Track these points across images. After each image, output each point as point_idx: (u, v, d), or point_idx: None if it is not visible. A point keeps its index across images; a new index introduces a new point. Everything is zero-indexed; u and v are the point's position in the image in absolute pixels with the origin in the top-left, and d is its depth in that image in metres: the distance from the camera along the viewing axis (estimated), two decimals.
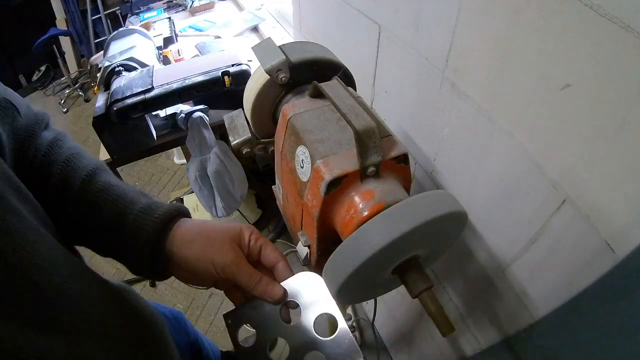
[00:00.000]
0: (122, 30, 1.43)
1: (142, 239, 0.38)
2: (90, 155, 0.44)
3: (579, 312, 0.43)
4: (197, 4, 1.84)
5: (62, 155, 0.41)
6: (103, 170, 0.43)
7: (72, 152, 0.42)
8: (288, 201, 0.48)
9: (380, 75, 0.70)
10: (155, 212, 0.39)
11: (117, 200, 0.40)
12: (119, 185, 0.41)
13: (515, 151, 0.45)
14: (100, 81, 1.16)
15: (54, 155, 0.41)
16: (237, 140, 0.50)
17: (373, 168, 0.37)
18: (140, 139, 1.11)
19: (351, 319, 1.31)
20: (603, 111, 0.34)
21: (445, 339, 0.80)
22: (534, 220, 0.45)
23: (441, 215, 0.34)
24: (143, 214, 0.39)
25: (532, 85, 0.40)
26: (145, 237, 0.38)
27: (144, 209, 0.39)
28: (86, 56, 3.31)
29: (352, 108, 0.38)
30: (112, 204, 0.39)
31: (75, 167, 0.41)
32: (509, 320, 0.57)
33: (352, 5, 0.69)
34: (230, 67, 1.06)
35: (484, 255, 0.58)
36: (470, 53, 0.47)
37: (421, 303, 0.37)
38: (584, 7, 0.32)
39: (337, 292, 0.37)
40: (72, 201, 0.39)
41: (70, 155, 0.42)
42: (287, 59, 0.46)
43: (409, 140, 0.67)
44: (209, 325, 1.54)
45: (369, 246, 0.33)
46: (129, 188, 0.42)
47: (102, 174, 0.42)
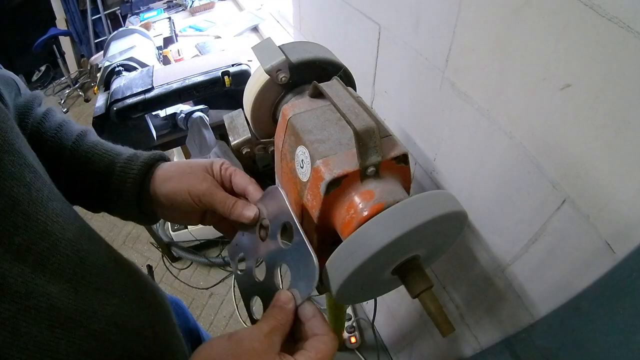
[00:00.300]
0: (122, 30, 1.43)
1: (128, 183, 0.42)
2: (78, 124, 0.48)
3: (579, 312, 0.43)
4: (197, 4, 1.84)
5: (54, 124, 0.45)
6: (91, 133, 0.47)
7: (63, 120, 0.46)
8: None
9: (380, 75, 0.70)
10: (139, 158, 0.44)
11: (106, 153, 0.44)
12: (106, 142, 0.46)
13: (515, 151, 0.45)
14: (100, 81, 1.16)
15: (47, 123, 0.44)
16: (237, 140, 0.50)
17: (373, 168, 0.37)
18: (140, 139, 1.11)
19: (351, 319, 1.31)
20: (603, 111, 0.34)
21: (445, 339, 0.80)
22: (534, 220, 0.45)
23: (441, 215, 0.34)
24: (129, 161, 0.43)
25: (532, 85, 0.40)
26: (131, 181, 0.42)
27: (130, 157, 0.44)
28: (86, 56, 3.31)
29: (352, 108, 0.38)
30: (101, 157, 0.44)
31: (67, 132, 0.45)
32: (509, 320, 0.57)
33: (352, 5, 0.69)
34: (230, 67, 1.06)
35: (484, 255, 0.58)
36: (470, 53, 0.47)
37: (421, 303, 0.37)
38: (584, 7, 0.32)
39: (337, 292, 0.37)
40: (66, 161, 0.43)
41: (60, 122, 0.46)
42: (287, 59, 0.46)
43: (409, 140, 0.67)
44: (209, 325, 1.55)
45: (368, 246, 0.33)
46: (116, 146, 0.46)
47: (91, 135, 0.46)
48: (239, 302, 1.58)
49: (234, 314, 1.57)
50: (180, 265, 1.78)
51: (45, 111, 0.46)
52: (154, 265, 1.81)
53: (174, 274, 1.74)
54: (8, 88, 0.41)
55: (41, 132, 0.43)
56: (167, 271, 1.76)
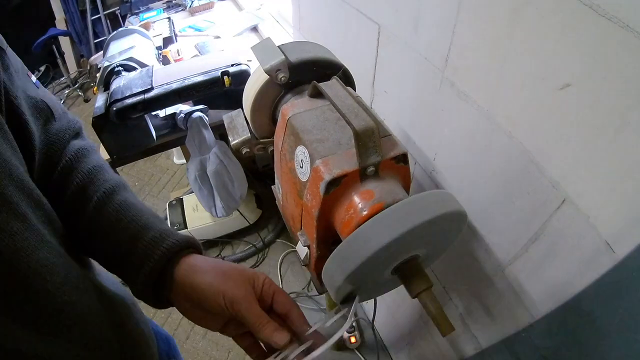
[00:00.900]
0: (121, 30, 1.43)
1: (149, 266, 0.37)
2: (113, 172, 0.44)
3: (579, 312, 0.43)
4: (196, 4, 1.83)
5: (85, 166, 0.41)
6: (122, 188, 0.42)
7: (96, 164, 0.42)
8: (288, 201, 0.48)
9: (379, 75, 0.70)
10: (165, 240, 0.38)
11: (131, 224, 0.39)
12: (134, 206, 0.41)
13: (515, 151, 0.45)
14: (100, 81, 1.15)
15: (77, 164, 0.41)
16: (236, 140, 0.50)
17: (372, 168, 0.37)
18: (139, 139, 1.11)
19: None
20: (603, 111, 0.34)
21: (445, 339, 0.80)
22: (533, 220, 0.45)
23: (441, 215, 0.34)
24: (154, 242, 0.38)
25: (531, 85, 0.40)
26: (152, 265, 0.37)
27: (156, 238, 0.39)
28: (86, 56, 3.31)
29: (351, 108, 0.38)
30: (126, 227, 0.39)
31: (96, 180, 0.41)
32: (509, 320, 0.57)
33: (352, 5, 0.69)
34: (230, 67, 1.05)
35: (483, 255, 0.58)
36: (469, 53, 0.47)
37: (421, 303, 0.37)
38: (584, 6, 0.32)
39: (336, 291, 0.37)
40: (87, 214, 0.39)
41: (93, 167, 0.41)
42: (287, 59, 0.46)
43: (408, 140, 0.67)
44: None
45: (368, 246, 0.33)
46: (145, 210, 0.42)
47: (121, 192, 0.42)
48: None
49: None
50: None
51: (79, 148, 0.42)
52: None
53: None
54: (38, 114, 0.38)
55: (70, 171, 0.40)
56: None
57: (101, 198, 0.40)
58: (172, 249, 0.38)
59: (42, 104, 0.38)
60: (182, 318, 1.56)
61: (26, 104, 0.36)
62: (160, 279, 0.38)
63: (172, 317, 1.58)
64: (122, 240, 0.39)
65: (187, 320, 0.41)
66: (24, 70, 0.39)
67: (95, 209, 0.39)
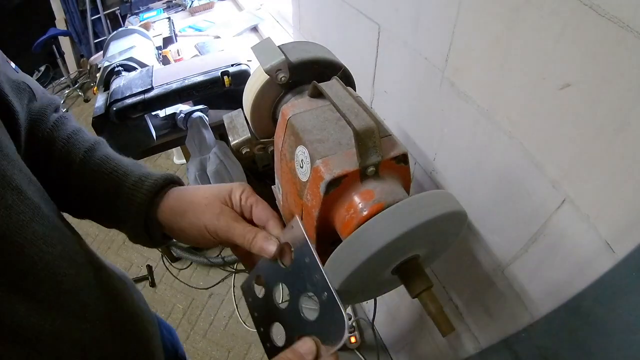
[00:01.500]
0: (121, 30, 1.43)
1: (133, 210, 0.40)
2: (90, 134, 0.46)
3: (579, 312, 0.43)
4: (196, 4, 1.83)
5: (64, 132, 0.43)
6: (101, 145, 0.45)
7: (74, 129, 0.45)
8: (288, 201, 0.48)
9: (379, 75, 0.70)
10: (145, 183, 0.41)
11: (113, 173, 0.42)
12: (114, 158, 0.44)
13: (515, 151, 0.45)
14: (100, 81, 1.16)
15: (58, 132, 0.43)
16: (236, 140, 0.50)
17: (372, 168, 0.37)
18: (140, 139, 1.11)
19: (351, 319, 1.31)
20: (603, 111, 0.34)
21: (445, 339, 0.80)
22: (533, 220, 0.45)
23: (441, 215, 0.34)
24: (134, 186, 0.41)
25: (531, 85, 0.40)
26: (136, 209, 0.40)
27: (136, 182, 0.42)
28: (86, 56, 3.31)
29: (351, 108, 0.38)
30: (108, 177, 0.42)
31: (77, 142, 0.43)
32: (509, 320, 0.57)
33: (352, 5, 0.69)
34: (230, 67, 1.06)
35: (483, 255, 0.58)
36: (469, 53, 0.47)
37: (421, 303, 0.37)
38: (584, 6, 0.32)
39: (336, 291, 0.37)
40: (74, 175, 0.42)
41: (72, 132, 0.44)
42: (287, 59, 0.46)
43: (408, 140, 0.67)
44: (209, 325, 1.55)
45: (368, 246, 0.33)
46: (125, 160, 0.44)
47: (101, 149, 0.44)
48: (239, 302, 1.58)
49: (233, 314, 1.57)
50: (180, 265, 1.78)
51: (58, 118, 0.44)
52: (153, 265, 1.81)
53: (173, 274, 1.74)
54: (20, 94, 0.39)
55: (52, 140, 0.42)
56: (167, 271, 1.76)
57: (83, 156, 0.42)
58: (152, 189, 0.41)
59: (23, 85, 0.40)
60: (182, 318, 1.57)
61: (9, 86, 0.37)
62: (147, 218, 0.41)
63: (172, 317, 1.58)
64: (108, 189, 0.41)
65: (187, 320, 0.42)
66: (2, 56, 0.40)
67: (80, 166, 0.42)
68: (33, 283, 0.30)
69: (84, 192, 0.42)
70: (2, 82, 0.36)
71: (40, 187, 0.35)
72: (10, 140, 0.34)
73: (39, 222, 0.31)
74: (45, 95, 0.44)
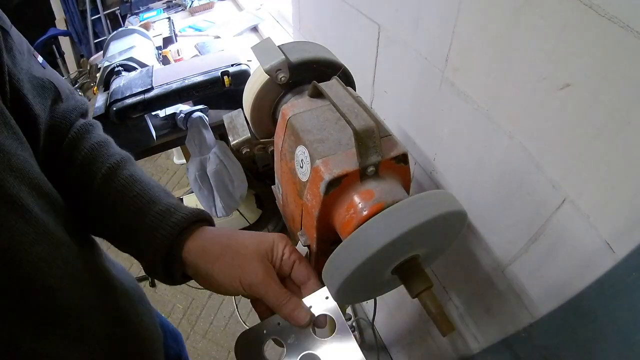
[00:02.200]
0: (121, 30, 1.43)
1: (156, 243, 0.36)
2: (118, 147, 0.43)
3: (579, 312, 0.43)
4: (196, 4, 1.83)
5: (89, 141, 0.40)
6: (129, 162, 0.41)
7: (100, 139, 0.41)
8: (288, 201, 0.48)
9: (379, 75, 0.70)
10: (173, 215, 0.37)
11: (137, 198, 0.38)
12: (141, 180, 0.39)
13: (515, 151, 0.45)
14: (100, 81, 1.16)
15: (81, 140, 0.40)
16: (236, 140, 0.50)
17: (372, 168, 0.37)
18: (139, 139, 1.11)
19: (351, 319, 1.31)
20: (603, 111, 0.34)
21: (445, 339, 0.80)
22: (533, 220, 0.45)
23: (441, 215, 0.34)
24: (160, 216, 0.37)
25: (531, 85, 0.40)
26: (159, 242, 0.36)
27: (162, 212, 0.37)
28: (86, 56, 3.30)
29: (351, 108, 0.38)
30: (131, 201, 0.38)
31: (101, 155, 0.40)
32: (509, 320, 0.57)
33: (352, 5, 0.69)
34: (230, 67, 1.05)
35: (483, 255, 0.58)
36: (469, 53, 0.47)
37: (421, 303, 0.37)
38: (584, 6, 0.32)
39: (336, 292, 0.37)
40: (94, 190, 0.38)
41: (97, 142, 0.40)
42: (287, 58, 0.46)
43: (408, 140, 0.67)
44: (209, 325, 1.54)
45: (368, 246, 0.33)
46: (152, 184, 0.40)
47: (128, 166, 0.40)
48: (239, 302, 1.58)
49: (233, 314, 1.57)
50: None
51: (83, 124, 0.41)
52: None
53: None
54: (43, 94, 0.37)
55: (74, 148, 0.39)
56: None
57: (107, 173, 0.38)
58: (180, 224, 0.37)
59: (48, 84, 0.37)
60: (183, 317, 1.57)
61: (31, 85, 0.35)
62: (169, 255, 0.37)
63: (172, 317, 1.58)
64: (129, 215, 0.37)
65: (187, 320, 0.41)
66: (30, 50, 0.38)
67: (102, 184, 0.38)
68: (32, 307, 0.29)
69: (102, 213, 0.38)
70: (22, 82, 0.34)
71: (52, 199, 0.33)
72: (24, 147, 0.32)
73: (43, 242, 0.30)
74: (73, 96, 0.41)
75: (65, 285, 0.32)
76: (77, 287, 0.33)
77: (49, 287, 0.30)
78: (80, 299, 0.34)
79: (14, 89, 0.33)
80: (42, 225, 0.30)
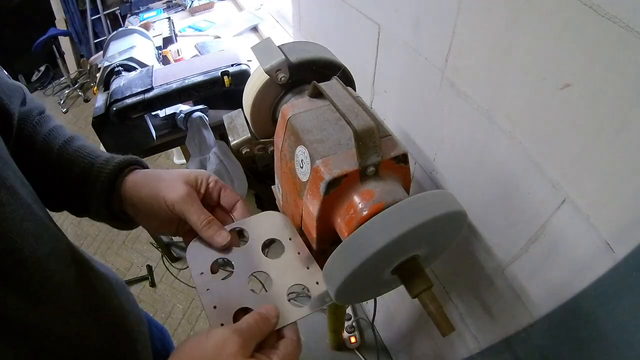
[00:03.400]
0: (121, 30, 1.43)
1: (99, 183, 0.42)
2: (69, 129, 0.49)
3: (579, 312, 0.43)
4: (196, 4, 1.84)
5: (47, 127, 0.46)
6: (79, 138, 0.47)
7: (55, 124, 0.47)
8: (288, 201, 0.48)
9: (379, 75, 0.70)
10: (113, 160, 0.43)
11: (87, 156, 0.44)
12: (91, 146, 0.46)
13: (515, 151, 0.45)
14: (100, 81, 1.16)
15: (40, 127, 0.45)
16: (236, 140, 0.50)
17: (372, 168, 0.37)
18: (139, 139, 1.11)
19: (351, 319, 1.31)
20: (603, 111, 0.34)
21: (445, 339, 0.80)
22: (533, 220, 0.45)
23: (441, 215, 0.34)
24: (104, 162, 0.43)
25: (531, 85, 0.40)
26: (101, 181, 0.42)
27: (107, 159, 0.43)
28: (86, 56, 3.31)
29: (351, 108, 0.38)
30: (83, 160, 0.44)
31: (56, 135, 0.45)
32: (509, 320, 0.57)
33: (352, 5, 0.69)
34: (230, 67, 1.06)
35: (483, 255, 0.58)
36: (469, 53, 0.47)
37: (421, 303, 0.37)
38: (584, 7, 0.32)
39: (337, 292, 0.37)
40: (52, 164, 0.43)
41: (53, 126, 0.46)
42: (287, 59, 0.46)
43: (408, 140, 0.67)
44: (208, 325, 1.55)
45: (368, 246, 0.33)
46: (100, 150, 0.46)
47: (78, 140, 0.46)
48: None
49: None
50: (180, 265, 1.78)
51: (41, 116, 0.46)
52: (153, 265, 1.80)
53: (173, 274, 1.74)
54: (15, 95, 0.42)
55: (34, 136, 0.44)
56: (166, 271, 1.76)
57: (61, 146, 0.44)
58: (117, 167, 0.43)
59: (19, 89, 0.43)
60: (182, 318, 1.57)
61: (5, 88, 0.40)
62: (109, 196, 0.42)
63: (172, 317, 1.58)
64: (80, 171, 0.43)
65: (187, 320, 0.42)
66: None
67: (57, 155, 0.44)
68: (23, 277, 0.31)
69: (60, 179, 0.44)
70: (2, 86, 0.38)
71: (32, 190, 0.37)
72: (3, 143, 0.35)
73: (31, 220, 0.33)
74: (33, 101, 0.47)
75: (51, 262, 0.34)
76: (62, 264, 0.36)
77: (38, 260, 0.32)
78: (65, 275, 0.36)
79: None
80: (28, 206, 0.33)
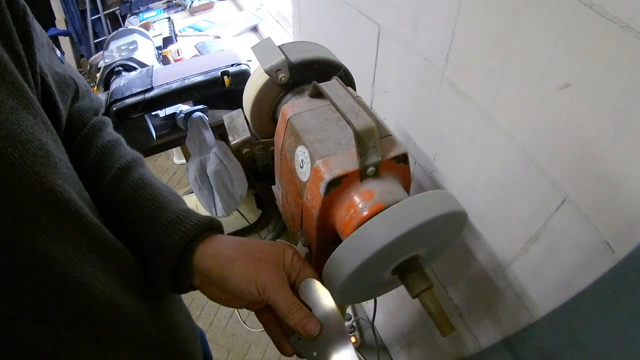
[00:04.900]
0: (121, 30, 1.43)
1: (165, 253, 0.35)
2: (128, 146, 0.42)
3: (579, 312, 0.43)
4: (196, 4, 1.83)
5: (101, 140, 0.39)
6: (139, 164, 0.40)
7: (111, 138, 0.41)
8: (288, 201, 0.48)
9: (379, 75, 0.70)
10: (183, 223, 0.36)
11: (147, 203, 0.37)
12: (151, 184, 0.38)
13: (515, 151, 0.45)
14: (100, 81, 1.16)
15: (94, 138, 0.39)
16: (236, 140, 0.50)
17: (373, 168, 0.37)
18: (139, 139, 1.11)
19: (351, 319, 1.31)
20: (603, 110, 0.34)
21: (445, 339, 0.80)
22: (534, 220, 0.45)
23: (441, 215, 0.34)
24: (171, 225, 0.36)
25: (531, 85, 0.40)
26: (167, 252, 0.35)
27: (172, 220, 0.36)
28: (86, 56, 3.30)
29: (351, 108, 0.38)
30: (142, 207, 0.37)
31: (111, 155, 0.39)
32: (509, 320, 0.57)
33: (352, 5, 0.69)
34: (230, 67, 1.05)
35: (483, 255, 0.58)
36: (469, 53, 0.47)
37: (421, 303, 0.37)
38: (584, 7, 0.32)
39: (337, 292, 0.37)
40: (102, 191, 0.37)
41: (109, 141, 0.40)
42: (287, 58, 0.46)
43: (408, 140, 0.67)
44: (208, 325, 1.54)
45: (368, 246, 0.33)
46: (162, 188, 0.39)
47: (137, 168, 0.39)
48: None
49: (233, 314, 1.57)
50: None
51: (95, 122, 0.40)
52: None
53: None
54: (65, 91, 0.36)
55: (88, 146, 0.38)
56: None
57: (117, 174, 0.38)
58: (190, 233, 0.36)
59: (70, 81, 0.36)
60: None
61: (55, 82, 0.34)
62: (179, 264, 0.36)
63: None
64: (138, 222, 0.36)
65: None
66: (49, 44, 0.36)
67: (111, 185, 0.37)
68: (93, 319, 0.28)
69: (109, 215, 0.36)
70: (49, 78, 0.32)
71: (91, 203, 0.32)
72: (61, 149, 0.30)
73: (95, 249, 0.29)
74: (89, 94, 0.40)
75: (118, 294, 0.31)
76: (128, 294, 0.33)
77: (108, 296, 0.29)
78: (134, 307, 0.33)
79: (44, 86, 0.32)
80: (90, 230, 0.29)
